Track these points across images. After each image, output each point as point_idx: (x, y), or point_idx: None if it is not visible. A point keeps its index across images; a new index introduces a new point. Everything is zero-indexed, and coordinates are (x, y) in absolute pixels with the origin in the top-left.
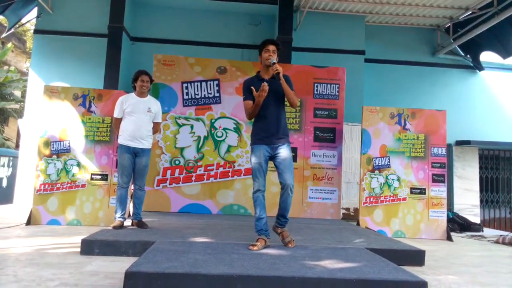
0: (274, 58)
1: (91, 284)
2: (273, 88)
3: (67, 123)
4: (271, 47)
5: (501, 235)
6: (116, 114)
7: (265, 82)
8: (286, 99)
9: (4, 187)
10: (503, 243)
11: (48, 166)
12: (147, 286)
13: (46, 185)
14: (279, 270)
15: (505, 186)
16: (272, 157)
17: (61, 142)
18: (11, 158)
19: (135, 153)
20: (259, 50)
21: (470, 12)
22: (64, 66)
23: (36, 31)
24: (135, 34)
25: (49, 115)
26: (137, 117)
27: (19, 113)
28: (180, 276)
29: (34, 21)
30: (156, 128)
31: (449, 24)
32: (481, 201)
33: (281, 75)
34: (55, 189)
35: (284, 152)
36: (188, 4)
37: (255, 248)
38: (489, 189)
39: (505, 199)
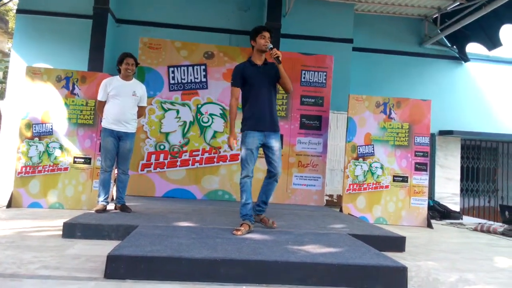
0: (270, 44)
1: (73, 267)
2: (266, 73)
3: (49, 105)
4: (267, 34)
5: (479, 223)
6: (100, 97)
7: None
8: (279, 84)
9: None
10: (481, 230)
11: (30, 148)
12: (130, 269)
13: (28, 168)
14: (262, 254)
15: (485, 175)
16: (263, 145)
17: (44, 125)
18: None
19: (119, 136)
20: (251, 36)
21: (458, 3)
22: (47, 47)
23: (19, 11)
24: (120, 16)
25: (31, 97)
26: (122, 101)
27: (1, 95)
28: (163, 259)
29: (16, 0)
30: (141, 112)
31: (436, 15)
32: (462, 190)
33: (281, 58)
34: (36, 171)
35: (275, 141)
36: None
37: (239, 232)
38: (469, 178)
39: (485, 188)
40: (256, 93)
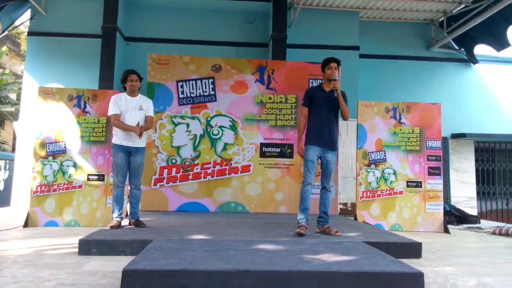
0: (336, 74)
1: (89, 283)
2: (331, 99)
3: (62, 124)
4: (333, 65)
5: (497, 226)
6: (114, 111)
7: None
8: (340, 111)
9: (1, 190)
10: (500, 234)
11: (44, 167)
12: (145, 283)
13: (43, 187)
14: (276, 265)
15: (501, 178)
16: (321, 157)
17: (57, 143)
18: (7, 161)
19: (129, 152)
20: (321, 67)
21: (464, 5)
22: (58, 68)
23: (30, 33)
24: (129, 34)
25: (44, 117)
26: (130, 116)
27: (15, 116)
28: (178, 272)
29: (27, 23)
30: (148, 123)
31: (442, 18)
32: (478, 193)
33: (339, 91)
34: (51, 190)
35: (330, 157)
36: (182, 3)
37: (302, 230)
38: (485, 181)
39: (502, 190)
40: (319, 114)
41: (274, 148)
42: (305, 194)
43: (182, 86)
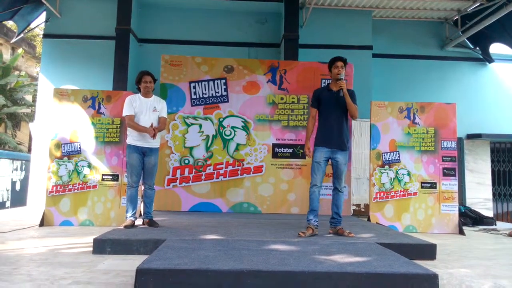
0: (342, 73)
1: (103, 282)
2: (339, 99)
3: (77, 125)
4: (339, 63)
5: None
6: (128, 112)
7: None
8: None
9: (18, 190)
10: None
11: (60, 168)
12: (158, 282)
13: (58, 187)
14: (289, 265)
15: None
16: (331, 159)
17: (72, 144)
18: (23, 161)
19: (143, 152)
20: (328, 67)
21: (478, 3)
22: (73, 69)
23: (45, 36)
24: (142, 35)
25: (59, 118)
26: (144, 117)
27: (31, 117)
28: (191, 272)
29: (43, 25)
30: (161, 124)
31: (457, 17)
32: (494, 194)
33: (345, 90)
34: (67, 190)
35: (341, 157)
36: (194, 4)
37: (303, 234)
38: (501, 182)
39: None
40: (327, 115)
41: (287, 149)
42: (312, 196)
43: (194, 87)
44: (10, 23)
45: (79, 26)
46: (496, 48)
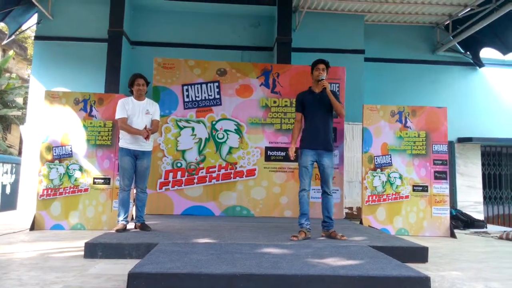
0: (324, 75)
1: (95, 286)
2: (322, 99)
3: (68, 128)
4: (321, 66)
5: (504, 231)
6: (120, 115)
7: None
8: (333, 109)
9: (8, 193)
10: (507, 238)
11: (51, 171)
12: (151, 286)
13: (49, 190)
14: (282, 269)
15: (508, 182)
16: (317, 162)
17: (63, 147)
18: (14, 165)
19: (135, 155)
20: (311, 69)
21: (469, 8)
22: (65, 72)
23: (37, 38)
24: (135, 38)
25: (50, 121)
26: (137, 120)
27: (21, 120)
28: (183, 276)
29: (34, 27)
30: (154, 126)
31: (448, 22)
32: (484, 197)
33: (328, 89)
34: (58, 194)
35: (326, 159)
36: (187, 7)
37: (295, 238)
38: (492, 185)
39: (509, 195)
40: (312, 116)
41: (279, 152)
42: (301, 200)
43: (187, 90)
44: (1, 25)
45: (71, 28)
46: (486, 52)
